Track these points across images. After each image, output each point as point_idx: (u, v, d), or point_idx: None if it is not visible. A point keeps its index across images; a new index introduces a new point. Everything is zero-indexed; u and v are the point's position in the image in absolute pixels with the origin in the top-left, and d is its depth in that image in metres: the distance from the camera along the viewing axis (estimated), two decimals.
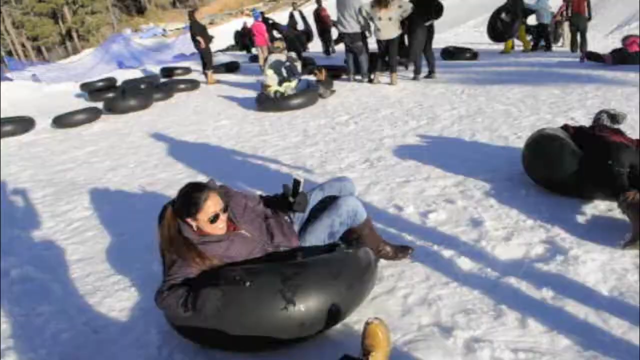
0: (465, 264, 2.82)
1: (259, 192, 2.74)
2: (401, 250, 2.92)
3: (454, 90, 7.79)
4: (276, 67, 8.10)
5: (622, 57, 8.86)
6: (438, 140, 5.23)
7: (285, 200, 2.64)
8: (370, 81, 8.99)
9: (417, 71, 8.99)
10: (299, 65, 8.56)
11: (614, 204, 3.18)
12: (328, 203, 2.78)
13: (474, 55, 11.53)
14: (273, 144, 5.79)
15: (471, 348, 2.20)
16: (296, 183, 2.61)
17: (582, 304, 2.42)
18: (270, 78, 8.02)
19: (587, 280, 2.58)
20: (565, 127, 3.93)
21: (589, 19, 11.77)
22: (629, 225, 2.91)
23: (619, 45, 9.70)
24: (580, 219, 3.20)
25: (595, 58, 9.17)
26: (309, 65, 10.29)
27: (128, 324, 2.70)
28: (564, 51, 11.94)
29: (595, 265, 2.70)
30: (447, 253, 2.94)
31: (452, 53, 11.62)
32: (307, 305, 2.24)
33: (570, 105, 6.05)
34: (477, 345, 2.20)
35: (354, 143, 5.40)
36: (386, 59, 8.83)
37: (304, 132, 6.10)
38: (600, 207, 3.31)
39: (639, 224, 2.83)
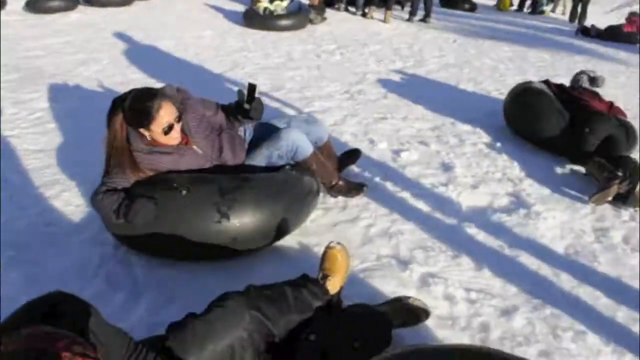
0: (430, 204, 2.83)
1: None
2: (355, 187, 2.83)
3: (446, 37, 7.65)
4: None
5: (612, 34, 8.84)
6: (422, 83, 5.16)
7: (240, 107, 2.47)
8: (364, 15, 8.73)
9: (412, 13, 8.76)
10: None
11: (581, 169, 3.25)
12: (273, 130, 2.63)
13: (472, 7, 11.29)
14: (254, 61, 5.61)
15: (426, 282, 2.23)
16: (251, 88, 2.43)
17: (537, 257, 2.47)
18: None
19: (545, 235, 2.63)
20: (546, 82, 3.98)
21: None
22: (593, 187, 3.02)
23: (616, 23, 9.61)
24: (549, 177, 3.24)
25: (587, 34, 9.11)
26: None
27: (85, 220, 2.61)
28: (562, 19, 11.80)
29: (555, 222, 2.75)
30: (413, 191, 2.94)
31: (451, 1, 11.33)
32: (242, 221, 2.19)
33: (558, 72, 6.02)
34: (432, 280, 2.23)
35: (337, 73, 5.28)
36: None
37: (287, 55, 5.92)
38: (571, 168, 3.35)
39: (602, 181, 2.99)
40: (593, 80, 4.04)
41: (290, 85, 4.82)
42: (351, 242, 2.45)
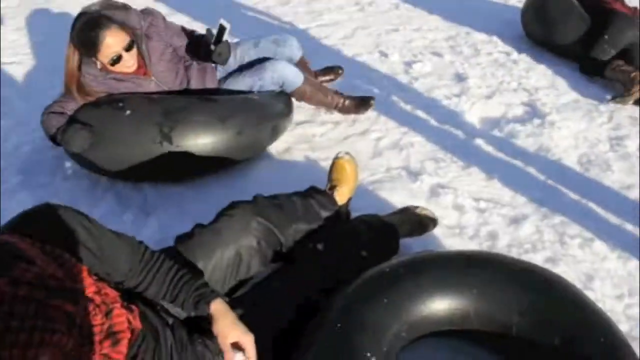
0: (442, 115, 2.78)
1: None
2: (363, 103, 2.72)
3: None
4: None
5: None
6: None
7: (206, 47, 2.31)
8: None
9: None
10: None
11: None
12: (257, 61, 2.49)
13: None
14: None
15: (436, 192, 2.23)
16: (221, 29, 2.26)
17: (550, 166, 2.45)
18: None
19: (559, 145, 2.59)
20: None
21: None
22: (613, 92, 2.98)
23: None
24: (567, 86, 3.14)
25: None
26: None
27: None
28: None
29: (570, 132, 2.70)
30: (425, 103, 2.88)
31: None
32: (185, 144, 2.12)
33: None
34: (441, 191, 2.23)
35: None
36: None
37: None
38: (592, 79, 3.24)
39: (627, 81, 2.93)
40: None
41: None
42: (361, 155, 2.44)
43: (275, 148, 2.53)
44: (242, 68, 2.50)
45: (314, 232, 1.72)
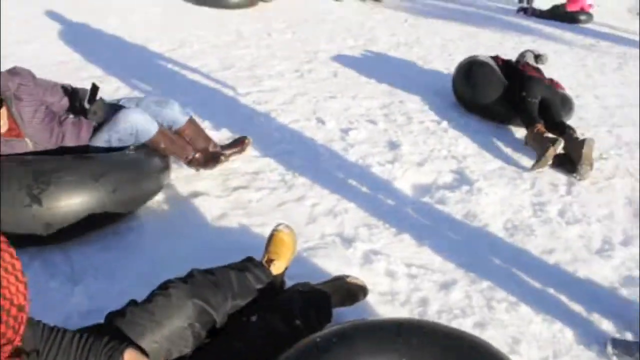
0: (376, 182, 2.87)
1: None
2: (212, 158, 2.76)
3: (398, 17, 7.67)
4: None
5: (553, 13, 9.08)
6: (372, 62, 5.17)
7: (80, 104, 2.32)
8: None
9: None
10: None
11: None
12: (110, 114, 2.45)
13: None
14: (203, 40, 5.50)
15: (369, 259, 2.27)
16: (93, 89, 2.27)
17: (477, 232, 2.55)
18: None
19: (485, 211, 2.71)
20: (495, 58, 4.19)
21: None
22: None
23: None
24: (493, 154, 3.33)
25: (537, 15, 9.33)
26: None
27: None
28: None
29: (496, 198, 2.84)
30: (360, 170, 2.97)
31: None
32: (56, 205, 2.07)
33: (505, 52, 6.10)
34: (374, 257, 2.27)
35: (288, 52, 5.24)
36: None
37: (237, 33, 5.82)
38: (515, 144, 3.46)
39: (539, 149, 3.20)
40: (537, 58, 4.28)
41: (240, 64, 4.76)
42: (296, 222, 2.46)
43: (211, 214, 2.52)
44: (102, 123, 2.47)
45: (248, 304, 1.71)
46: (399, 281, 2.16)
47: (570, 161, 3.17)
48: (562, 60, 6.25)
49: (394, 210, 2.64)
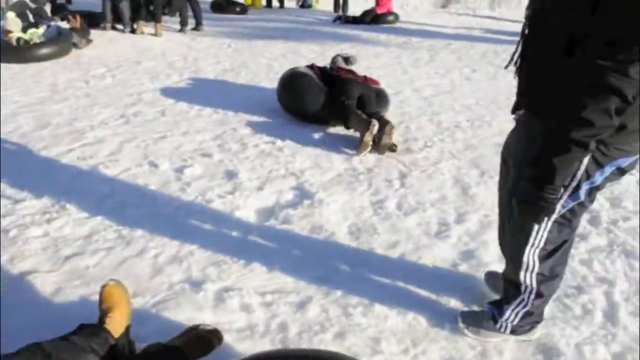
0: (218, 216, 2.81)
1: None
2: None
3: (220, 44, 7.69)
4: (19, 10, 7.00)
5: (365, 18, 9.80)
6: (200, 94, 5.10)
7: None
8: (133, 31, 8.37)
9: (183, 23, 8.65)
10: (48, 8, 7.54)
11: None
12: None
13: (243, 9, 11.53)
14: (13, 100, 5.04)
15: (221, 298, 2.20)
16: None
17: (325, 243, 2.60)
18: (13, 23, 6.90)
19: (330, 220, 2.78)
20: (311, 67, 4.55)
21: None
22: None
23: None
24: (329, 164, 3.44)
25: (350, 21, 9.94)
26: (60, 10, 9.14)
27: None
28: (329, 11, 12.60)
29: (338, 205, 2.92)
30: (200, 206, 2.90)
31: (222, 6, 11.44)
32: None
33: (327, 61, 6.40)
34: (226, 295, 2.21)
35: (110, 98, 4.98)
36: (151, 7, 8.29)
37: (52, 86, 5.42)
38: (348, 152, 3.60)
39: (362, 132, 3.61)
40: (347, 60, 4.78)
41: (58, 119, 4.41)
42: (140, 277, 2.33)
43: (44, 292, 2.28)
44: None
45: None
46: (255, 312, 2.12)
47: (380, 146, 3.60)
48: (380, 61, 6.70)
49: (240, 242, 2.60)
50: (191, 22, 8.72)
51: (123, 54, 6.96)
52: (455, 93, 5.35)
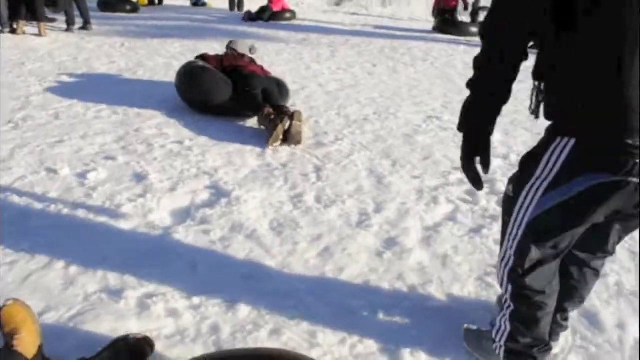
0: (130, 221, 2.65)
1: None
2: None
3: (112, 43, 7.31)
4: None
5: (263, 15, 9.83)
6: (95, 95, 4.78)
7: None
8: (13, 32, 7.72)
9: (69, 22, 8.11)
10: None
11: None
12: None
13: (134, 8, 11.03)
14: None
15: (145, 305, 2.07)
16: None
17: (248, 240, 2.54)
18: None
19: (250, 218, 2.72)
20: (202, 57, 4.60)
21: None
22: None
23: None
24: (242, 162, 3.37)
25: (251, 19, 9.90)
26: None
27: None
28: (224, 9, 12.40)
29: (256, 202, 2.87)
30: (109, 212, 2.71)
31: (111, 5, 10.87)
32: None
33: None
34: (150, 301, 2.08)
35: None
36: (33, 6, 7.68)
37: None
38: (261, 147, 3.55)
39: (270, 127, 3.69)
40: (251, 49, 4.98)
41: None
42: (52, 290, 2.13)
43: None
44: None
45: None
46: (183, 317, 2.02)
47: (291, 135, 3.67)
48: (282, 58, 6.69)
49: (157, 245, 2.47)
50: (78, 22, 8.21)
51: (4, 55, 6.39)
52: (359, 87, 5.46)
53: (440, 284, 2.30)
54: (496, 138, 4.05)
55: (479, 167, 1.58)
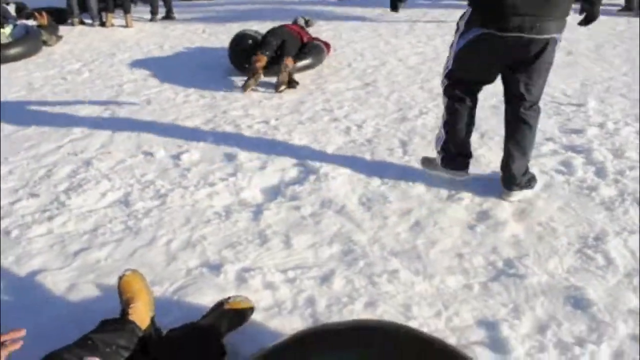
0: (224, 198, 2.75)
1: None
2: None
3: (194, 29, 7.53)
4: None
5: None
6: (183, 81, 4.96)
7: None
8: (103, 24, 8.13)
9: (153, 12, 8.42)
10: (11, 8, 7.27)
11: None
12: None
13: None
14: None
15: (243, 278, 2.15)
16: None
17: (337, 215, 2.56)
18: None
19: (338, 194, 2.73)
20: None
21: None
22: None
23: None
24: (328, 140, 3.38)
25: None
26: (23, 8, 8.81)
27: None
28: None
29: (344, 178, 2.88)
30: (204, 191, 2.82)
31: None
32: None
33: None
34: (248, 275, 2.15)
35: (90, 92, 4.83)
36: None
37: (28, 85, 5.23)
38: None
39: (284, 74, 4.43)
40: (307, 22, 5.59)
41: (41, 117, 4.27)
42: (155, 266, 2.26)
43: (58, 290, 2.19)
44: None
45: None
46: (280, 290, 2.07)
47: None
48: (360, 35, 6.61)
49: (251, 221, 2.54)
50: (161, 12, 8.50)
51: (96, 47, 6.76)
52: (440, 59, 5.30)
53: (537, 257, 2.22)
54: (591, 106, 3.82)
55: None
